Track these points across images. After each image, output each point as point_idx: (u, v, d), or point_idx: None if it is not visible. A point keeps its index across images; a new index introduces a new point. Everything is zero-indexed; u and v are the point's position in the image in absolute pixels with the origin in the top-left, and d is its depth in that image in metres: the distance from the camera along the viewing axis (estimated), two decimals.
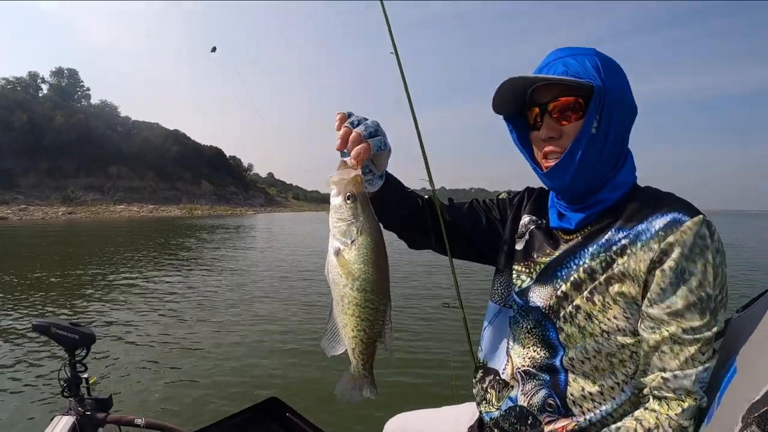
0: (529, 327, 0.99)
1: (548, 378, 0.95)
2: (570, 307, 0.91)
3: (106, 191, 75.04)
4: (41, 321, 1.62)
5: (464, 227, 1.18)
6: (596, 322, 0.87)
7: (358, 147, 0.85)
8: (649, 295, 0.83)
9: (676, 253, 0.80)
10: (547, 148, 0.95)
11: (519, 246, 1.09)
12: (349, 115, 0.89)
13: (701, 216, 0.82)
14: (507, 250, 1.11)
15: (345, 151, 0.88)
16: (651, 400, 0.84)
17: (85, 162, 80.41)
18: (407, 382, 4.02)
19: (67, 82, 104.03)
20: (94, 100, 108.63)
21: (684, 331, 0.80)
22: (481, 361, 1.13)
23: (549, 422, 0.95)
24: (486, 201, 1.24)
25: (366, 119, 0.89)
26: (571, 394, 0.92)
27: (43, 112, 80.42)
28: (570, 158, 0.89)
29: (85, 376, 1.70)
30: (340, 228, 0.83)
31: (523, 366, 1.00)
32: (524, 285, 1.02)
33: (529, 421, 0.97)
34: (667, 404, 0.81)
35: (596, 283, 0.88)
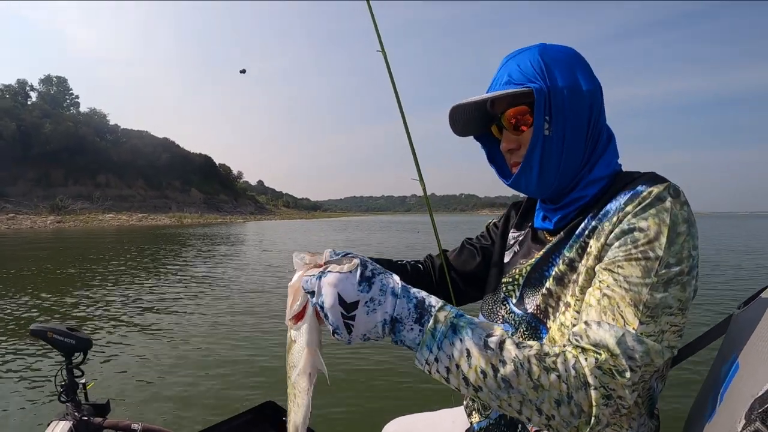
0: (521, 333, 0.93)
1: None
2: (555, 302, 0.86)
3: (94, 200, 74.61)
4: (38, 326, 1.62)
5: (470, 272, 1.16)
6: (575, 312, 0.82)
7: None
8: (600, 256, 0.77)
9: (630, 215, 0.74)
10: (512, 160, 0.93)
11: (507, 258, 1.06)
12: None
13: (666, 183, 0.76)
14: (497, 265, 1.08)
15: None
16: (566, 345, 0.72)
17: (74, 170, 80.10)
18: (405, 387, 4.04)
19: (56, 90, 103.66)
20: (83, 108, 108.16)
21: (616, 280, 0.71)
22: None
23: (538, 429, 0.90)
24: (478, 235, 1.23)
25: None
26: None
27: (31, 120, 79.93)
28: (528, 165, 0.87)
29: (83, 381, 1.70)
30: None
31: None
32: (514, 295, 0.97)
33: (518, 429, 0.92)
34: (582, 350, 0.68)
35: (576, 273, 0.83)
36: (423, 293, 0.70)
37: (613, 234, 0.74)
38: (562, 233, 0.90)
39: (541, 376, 0.65)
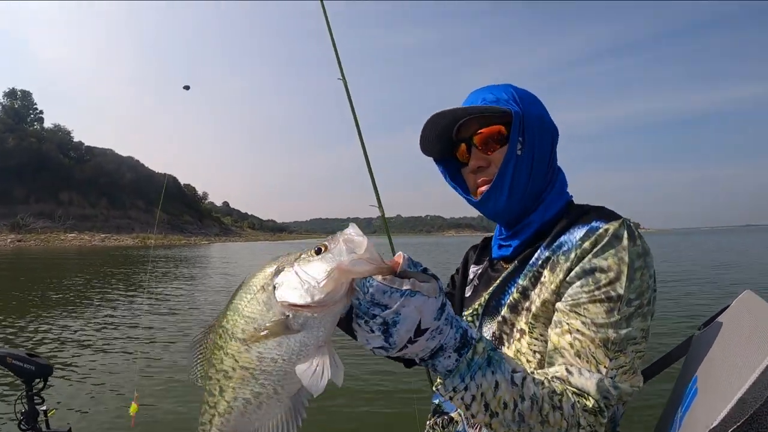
0: None
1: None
2: (510, 329, 0.90)
3: (57, 219, 74.32)
4: None
5: None
6: (532, 340, 0.86)
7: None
8: (560, 291, 0.82)
9: (588, 253, 0.79)
10: (479, 178, 0.96)
11: (468, 293, 1.09)
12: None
13: (621, 219, 0.81)
14: (458, 302, 1.10)
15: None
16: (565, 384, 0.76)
17: (36, 188, 79.38)
18: (376, 413, 4.15)
19: (21, 104, 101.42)
20: (48, 123, 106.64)
21: (585, 324, 0.76)
22: (437, 405, 1.09)
23: None
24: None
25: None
26: None
27: None
28: (501, 181, 0.91)
29: (44, 408, 1.67)
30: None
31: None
32: (474, 325, 0.98)
33: None
34: (575, 394, 0.74)
35: (529, 301, 0.87)
36: (464, 322, 0.70)
37: (573, 272, 0.79)
38: (516, 261, 0.95)
39: (549, 414, 0.70)
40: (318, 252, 0.61)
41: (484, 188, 0.96)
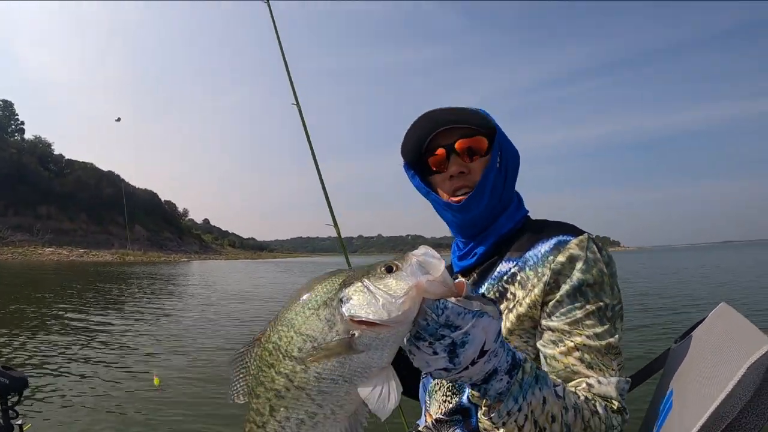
0: (441, 381, 1.00)
1: (460, 418, 0.96)
2: None
3: (35, 232, 72.95)
4: None
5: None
6: None
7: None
8: (547, 309, 0.85)
9: (569, 269, 0.84)
10: (458, 184, 1.00)
11: None
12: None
13: (586, 234, 0.87)
14: None
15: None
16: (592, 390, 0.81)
17: (14, 200, 77.81)
18: None
19: (2, 114, 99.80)
20: (28, 134, 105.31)
21: (588, 337, 0.82)
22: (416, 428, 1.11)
23: None
24: None
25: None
26: (484, 429, 0.92)
27: None
28: (482, 189, 0.96)
29: (19, 422, 1.63)
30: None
31: (437, 414, 1.00)
32: None
33: None
34: (602, 398, 0.80)
35: None
36: (507, 344, 0.70)
37: (563, 291, 0.84)
38: (476, 274, 1.01)
39: (590, 419, 0.75)
40: (389, 270, 0.60)
41: (461, 197, 1.00)
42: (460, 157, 1.00)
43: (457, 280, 0.61)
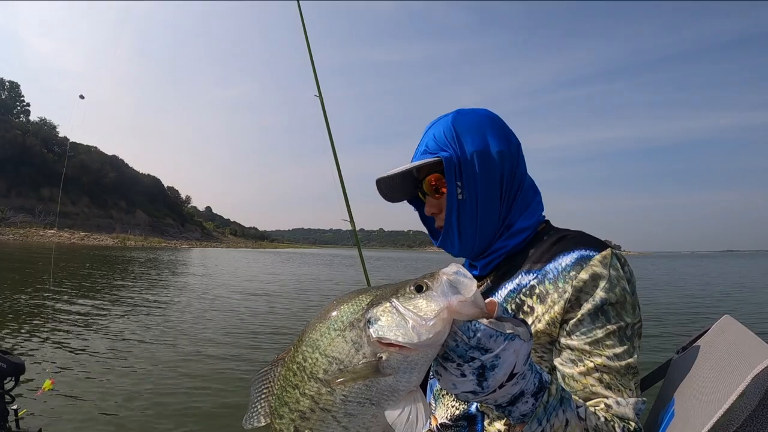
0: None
1: (465, 424, 0.94)
2: None
3: (37, 214, 72.90)
4: None
5: None
6: None
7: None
8: (567, 327, 0.83)
9: (591, 287, 0.81)
10: (437, 224, 1.00)
11: None
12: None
13: (609, 249, 0.84)
14: None
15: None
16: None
17: (18, 182, 78.07)
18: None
19: (8, 95, 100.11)
20: (34, 117, 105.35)
21: (609, 358, 0.80)
22: None
23: None
24: None
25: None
26: None
27: None
28: (449, 228, 0.93)
29: (14, 407, 1.63)
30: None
31: (442, 419, 0.98)
32: None
33: None
34: (620, 419, 0.78)
35: None
36: (536, 365, 0.68)
37: (585, 310, 0.81)
38: (488, 280, 0.96)
39: None
40: (419, 289, 0.57)
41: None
42: (430, 196, 0.99)
43: (488, 300, 0.59)
